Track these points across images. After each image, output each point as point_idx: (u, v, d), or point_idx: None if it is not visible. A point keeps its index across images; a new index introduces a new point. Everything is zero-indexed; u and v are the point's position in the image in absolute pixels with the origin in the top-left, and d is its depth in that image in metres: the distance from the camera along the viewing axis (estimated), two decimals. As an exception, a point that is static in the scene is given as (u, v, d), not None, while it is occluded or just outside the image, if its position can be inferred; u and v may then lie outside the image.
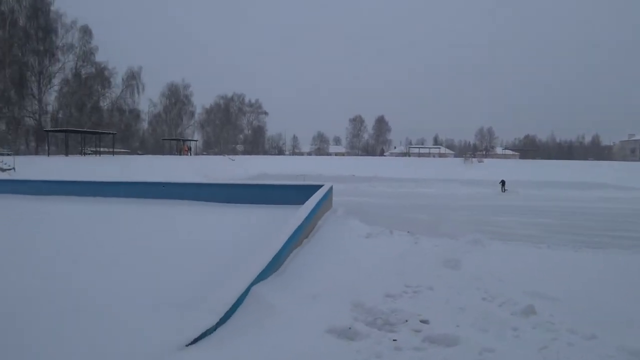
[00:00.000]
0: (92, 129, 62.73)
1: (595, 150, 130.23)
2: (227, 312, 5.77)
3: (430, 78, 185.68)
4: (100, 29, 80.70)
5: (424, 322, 6.06)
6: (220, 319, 5.56)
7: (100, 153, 61.16)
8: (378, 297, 7.06)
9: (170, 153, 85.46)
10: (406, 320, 6.08)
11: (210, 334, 5.27)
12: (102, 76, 78.23)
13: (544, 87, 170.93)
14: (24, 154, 60.12)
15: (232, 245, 10.43)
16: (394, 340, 5.41)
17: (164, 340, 4.87)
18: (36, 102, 68.95)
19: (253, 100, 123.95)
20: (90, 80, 75.92)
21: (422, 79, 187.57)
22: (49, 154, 56.72)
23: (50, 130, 57.58)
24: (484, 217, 19.44)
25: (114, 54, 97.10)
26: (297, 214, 11.88)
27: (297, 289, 7.25)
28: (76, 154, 59.24)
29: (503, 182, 37.32)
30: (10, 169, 40.22)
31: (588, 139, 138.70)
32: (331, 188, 18.67)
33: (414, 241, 12.09)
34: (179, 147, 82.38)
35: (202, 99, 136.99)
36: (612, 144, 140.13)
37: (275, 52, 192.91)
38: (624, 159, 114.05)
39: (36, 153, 64.59)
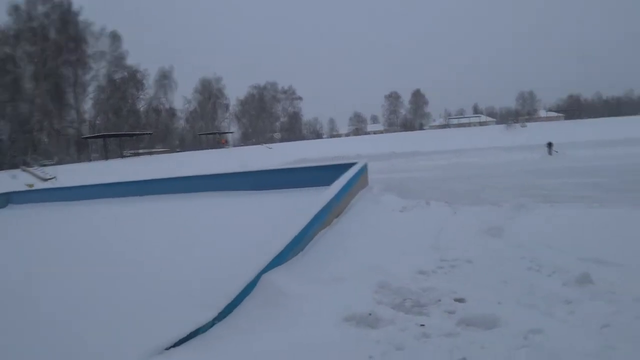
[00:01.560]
0: (129, 131, 63.53)
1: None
2: (229, 305, 5.07)
3: (465, 45, 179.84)
4: (128, 32, 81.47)
5: (459, 300, 5.21)
6: (219, 314, 4.86)
7: (139, 154, 61.85)
8: (408, 275, 6.24)
9: (208, 147, 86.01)
10: (439, 300, 5.26)
11: (203, 332, 4.57)
12: (134, 79, 79.43)
13: (586, 43, 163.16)
14: (67, 162, 61.39)
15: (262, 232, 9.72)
16: (421, 325, 4.60)
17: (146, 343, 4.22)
18: (74, 111, 70.35)
19: (286, 87, 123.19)
20: (124, 84, 77.14)
21: (457, 46, 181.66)
22: (90, 160, 57.73)
23: (88, 137, 58.63)
24: (530, 181, 18.12)
25: (145, 56, 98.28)
26: (323, 194, 11.12)
27: (317, 273, 6.52)
28: (116, 157, 60.07)
29: (550, 144, 35.24)
30: (51, 178, 41.10)
31: (638, 93, 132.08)
32: (365, 165, 17.75)
33: (453, 211, 11.15)
34: (217, 140, 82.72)
35: (235, 92, 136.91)
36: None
37: (304, 35, 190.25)
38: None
39: (79, 161, 65.90)
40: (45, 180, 41.00)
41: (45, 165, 48.18)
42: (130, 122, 76.16)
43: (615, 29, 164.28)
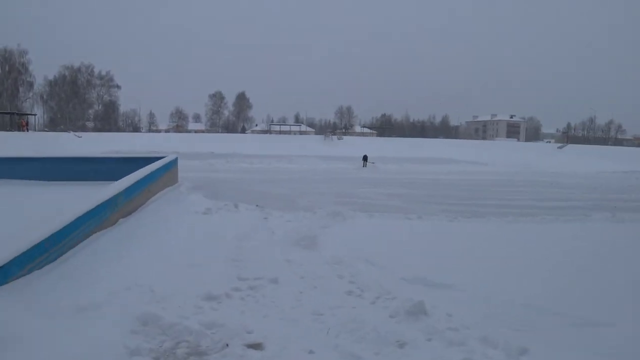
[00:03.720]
0: None
1: (444, 130, 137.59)
2: None
3: (288, 57, 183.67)
4: None
5: (254, 346, 3.62)
6: None
7: None
8: (191, 302, 4.53)
9: (5, 129, 75.13)
10: (226, 345, 3.61)
11: None
12: None
13: (402, 68, 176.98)
14: None
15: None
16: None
17: None
18: None
19: (104, 72, 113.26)
20: None
21: (281, 57, 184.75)
22: None
23: None
24: (345, 189, 17.56)
25: None
26: (108, 188, 8.93)
27: (60, 298, 4.48)
28: None
29: (365, 157, 36.38)
30: None
31: (438, 119, 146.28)
32: (174, 160, 15.60)
33: (263, 216, 9.71)
34: (16, 121, 72.49)
35: (43, 70, 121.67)
36: (459, 124, 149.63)
37: (125, 21, 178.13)
38: (469, 137, 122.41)
39: None
40: None
41: None
42: None
43: (425, 59, 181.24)
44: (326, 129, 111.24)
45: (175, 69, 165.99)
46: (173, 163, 15.28)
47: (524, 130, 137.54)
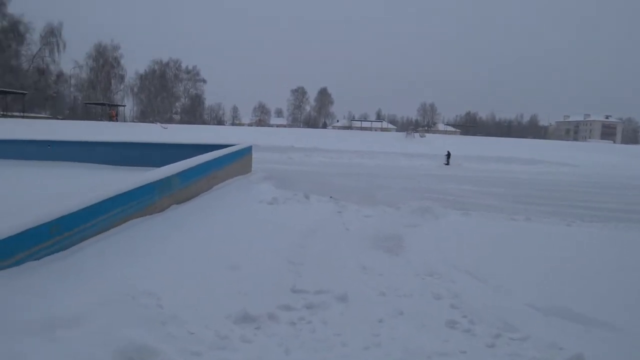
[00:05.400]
0: (5, 89, 55.75)
1: (533, 130, 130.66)
2: None
3: (373, 53, 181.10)
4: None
5: None
6: None
7: (7, 116, 54.45)
8: (215, 324, 3.12)
9: (97, 119, 78.50)
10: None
11: None
12: (16, 30, 70.27)
13: (488, 66, 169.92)
14: None
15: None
16: None
17: None
18: None
19: (190, 67, 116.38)
20: (1, 34, 67.99)
21: (366, 53, 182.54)
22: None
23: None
24: (430, 185, 15.75)
25: (30, 7, 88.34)
26: (159, 170, 7.79)
27: (40, 301, 3.16)
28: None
29: (449, 154, 34.12)
30: None
31: (526, 119, 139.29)
32: (248, 149, 14.48)
33: (337, 210, 8.20)
34: (106, 112, 75.49)
35: (134, 64, 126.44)
36: (548, 124, 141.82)
37: (212, 18, 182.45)
38: (559, 138, 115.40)
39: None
40: None
41: None
42: (8, 79, 67.37)
43: (513, 56, 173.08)
44: (408, 126, 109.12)
45: (259, 64, 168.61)
46: (245, 151, 14.17)
47: (620, 132, 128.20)
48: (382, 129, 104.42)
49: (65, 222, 4.70)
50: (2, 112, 57.19)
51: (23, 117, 55.48)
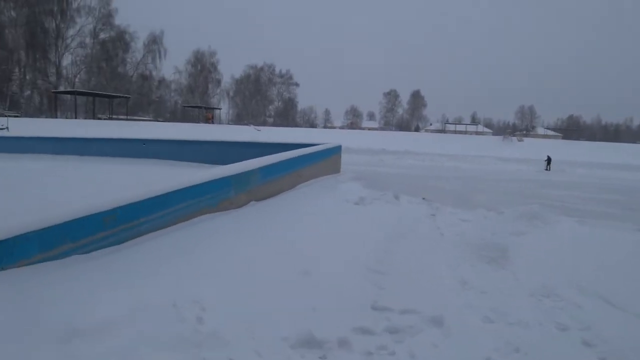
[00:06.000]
0: (111, 93, 59.55)
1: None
2: None
3: (469, 53, 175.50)
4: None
5: None
6: None
7: (113, 119, 57.81)
8: (268, 348, 2.40)
9: (194, 122, 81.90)
10: None
11: None
12: (122, 40, 74.89)
13: (591, 66, 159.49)
14: (37, 116, 57.13)
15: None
16: None
17: None
18: (50, 64, 66.07)
19: (284, 71, 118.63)
20: (109, 43, 72.64)
21: (461, 55, 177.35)
22: (57, 116, 53.73)
23: (58, 92, 54.37)
24: (532, 190, 14.33)
25: (135, 17, 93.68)
26: (236, 165, 7.32)
27: (65, 307, 2.62)
28: (90, 119, 56.11)
29: (549, 159, 31.81)
30: (2, 129, 38.43)
31: (637, 122, 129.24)
32: (336, 149, 13.89)
33: (430, 212, 7.33)
34: (203, 114, 78.62)
35: (229, 69, 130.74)
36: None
37: (306, 23, 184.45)
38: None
39: (54, 116, 61.71)
40: (-5, 129, 37.95)
41: (3, 116, 44.55)
42: (114, 84, 71.92)
43: (623, 56, 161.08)
44: (505, 130, 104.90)
45: (352, 67, 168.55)
46: (334, 151, 13.62)
47: None
48: (477, 133, 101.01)
49: (123, 213, 4.24)
50: (108, 115, 60.86)
51: (127, 119, 58.60)
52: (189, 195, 5.40)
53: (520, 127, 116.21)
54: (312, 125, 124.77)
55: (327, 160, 12.90)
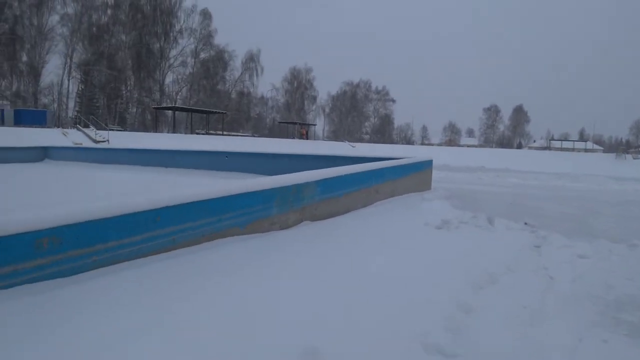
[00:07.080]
0: (209, 109, 62.04)
1: None
2: None
3: (576, 68, 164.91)
4: (220, 12, 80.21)
5: None
6: None
7: (209, 133, 59.58)
8: None
9: (290, 137, 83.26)
10: None
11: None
12: (221, 59, 77.87)
13: None
14: (141, 131, 60.26)
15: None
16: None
17: None
18: (155, 83, 69.89)
19: (380, 87, 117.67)
20: (209, 62, 75.91)
21: (568, 68, 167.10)
22: (155, 131, 56.20)
23: (158, 108, 56.86)
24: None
25: (233, 37, 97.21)
26: (284, 176, 6.02)
27: None
28: (188, 133, 58.32)
29: (671, 178, 28.14)
30: (104, 141, 40.67)
31: None
32: (425, 163, 12.26)
33: (534, 242, 5.62)
34: (298, 130, 79.62)
35: (324, 86, 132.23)
36: None
37: (400, 39, 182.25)
38: None
39: (155, 131, 65.05)
40: (97, 142, 40.08)
41: (111, 130, 47.23)
42: (214, 101, 74.83)
43: None
44: (618, 147, 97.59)
45: (449, 83, 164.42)
46: (422, 166, 12.08)
47: None
48: (586, 150, 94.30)
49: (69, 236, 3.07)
50: (205, 130, 62.86)
51: (223, 134, 60.13)
52: (205, 212, 4.16)
53: (636, 143, 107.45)
54: (409, 142, 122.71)
55: (413, 175, 11.40)
